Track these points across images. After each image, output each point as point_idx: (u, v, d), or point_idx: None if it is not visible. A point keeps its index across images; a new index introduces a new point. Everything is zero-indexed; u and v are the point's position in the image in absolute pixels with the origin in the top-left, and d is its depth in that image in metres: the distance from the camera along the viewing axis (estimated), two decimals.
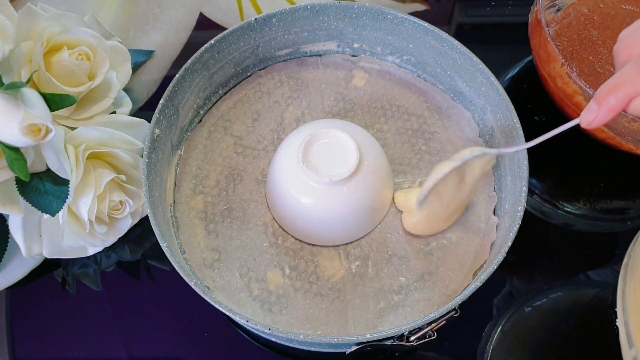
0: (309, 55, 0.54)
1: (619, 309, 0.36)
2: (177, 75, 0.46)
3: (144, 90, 0.57)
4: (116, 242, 0.48)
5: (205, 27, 0.62)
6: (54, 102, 0.41)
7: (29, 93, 0.38)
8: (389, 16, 0.49)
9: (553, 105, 0.51)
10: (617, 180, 0.54)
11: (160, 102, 0.45)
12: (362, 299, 0.44)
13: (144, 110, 0.56)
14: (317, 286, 0.45)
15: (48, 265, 0.49)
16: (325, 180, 0.43)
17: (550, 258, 0.51)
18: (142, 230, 0.49)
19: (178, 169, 0.49)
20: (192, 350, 0.47)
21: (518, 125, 0.44)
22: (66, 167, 0.42)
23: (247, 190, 0.48)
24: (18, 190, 0.42)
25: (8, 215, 0.46)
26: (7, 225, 0.46)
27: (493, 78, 0.46)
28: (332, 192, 0.44)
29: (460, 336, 0.47)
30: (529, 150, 0.43)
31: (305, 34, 0.52)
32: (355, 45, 0.53)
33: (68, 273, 0.49)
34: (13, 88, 0.38)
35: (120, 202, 0.45)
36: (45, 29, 0.44)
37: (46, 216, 0.44)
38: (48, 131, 0.37)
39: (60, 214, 0.42)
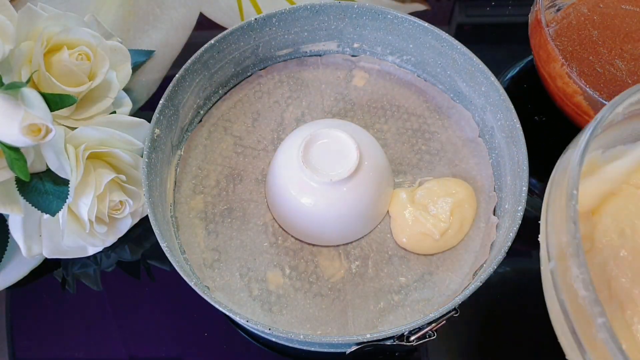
0: (309, 55, 0.54)
1: (542, 223, 0.35)
2: (177, 75, 0.46)
3: (144, 90, 0.57)
4: (116, 242, 0.48)
5: (205, 27, 0.62)
6: (54, 102, 0.41)
7: (29, 93, 0.38)
8: (388, 16, 0.49)
9: (553, 105, 0.51)
10: None
11: (160, 102, 0.45)
12: (362, 299, 0.44)
13: (144, 110, 0.56)
14: (317, 286, 0.45)
15: (48, 265, 0.49)
16: (325, 180, 0.43)
17: None
18: (142, 230, 0.50)
19: (178, 169, 0.49)
20: (192, 350, 0.47)
21: (518, 125, 0.44)
22: (66, 167, 0.42)
23: (247, 190, 0.48)
24: (18, 190, 0.42)
25: (8, 215, 0.46)
26: (7, 225, 0.46)
27: (493, 78, 0.46)
28: (332, 192, 0.44)
29: (461, 336, 0.47)
30: (529, 150, 0.43)
31: (305, 34, 0.52)
32: (355, 45, 0.53)
33: (68, 273, 0.49)
34: (13, 88, 0.38)
35: (120, 202, 0.45)
36: (45, 29, 0.44)
37: (46, 216, 0.44)
38: (48, 131, 0.37)
39: (60, 214, 0.42)
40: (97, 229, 0.45)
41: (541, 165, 0.54)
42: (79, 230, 0.45)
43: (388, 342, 0.40)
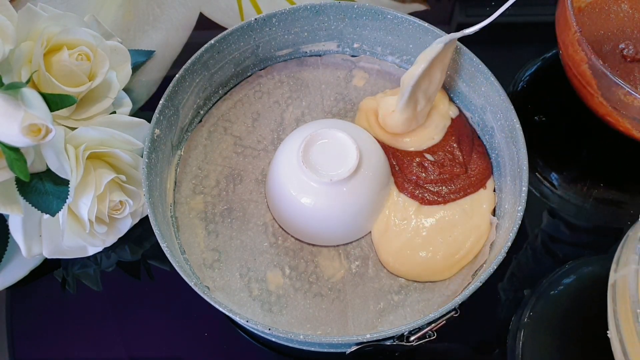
0: (309, 55, 0.54)
1: (611, 329, 0.38)
2: (177, 76, 0.46)
3: (144, 90, 0.57)
4: (116, 242, 0.48)
5: (205, 27, 0.62)
6: (54, 102, 0.41)
7: (29, 93, 0.38)
8: (388, 16, 0.49)
9: (553, 105, 0.51)
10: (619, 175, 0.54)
11: (160, 102, 0.45)
12: (362, 299, 0.44)
13: (144, 110, 0.56)
14: (317, 286, 0.45)
15: (48, 265, 0.49)
16: (325, 180, 0.43)
17: (546, 245, 0.51)
18: (142, 230, 0.49)
19: (178, 169, 0.49)
20: (192, 350, 0.47)
21: (518, 125, 0.44)
22: (66, 167, 0.42)
23: (247, 190, 0.48)
24: (18, 190, 0.42)
25: (8, 215, 0.46)
26: (7, 225, 0.46)
27: (493, 78, 0.46)
28: (332, 192, 0.44)
29: (460, 336, 0.47)
30: (529, 150, 0.43)
31: (305, 34, 0.52)
32: (355, 45, 0.53)
33: (68, 273, 0.49)
34: (13, 88, 0.38)
35: (120, 202, 0.45)
36: (45, 29, 0.44)
37: (46, 216, 0.44)
38: (48, 131, 0.37)
39: (60, 214, 0.42)
40: (97, 229, 0.45)
41: (539, 165, 0.54)
42: (79, 230, 0.45)
43: (388, 342, 0.41)
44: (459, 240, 0.44)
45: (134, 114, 0.51)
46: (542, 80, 0.58)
